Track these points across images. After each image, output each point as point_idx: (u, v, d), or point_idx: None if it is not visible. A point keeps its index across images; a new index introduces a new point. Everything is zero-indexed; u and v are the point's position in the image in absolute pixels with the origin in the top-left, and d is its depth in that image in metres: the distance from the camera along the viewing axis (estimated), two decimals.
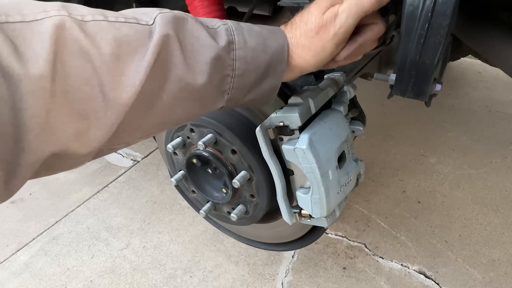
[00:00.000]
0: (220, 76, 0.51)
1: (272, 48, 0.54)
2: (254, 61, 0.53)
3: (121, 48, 0.43)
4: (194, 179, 0.95)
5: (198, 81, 0.49)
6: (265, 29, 0.55)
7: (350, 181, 0.76)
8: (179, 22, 0.48)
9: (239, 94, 0.55)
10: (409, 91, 0.79)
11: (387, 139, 2.01)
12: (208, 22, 0.52)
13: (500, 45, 0.94)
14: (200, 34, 0.49)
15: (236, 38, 0.52)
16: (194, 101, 0.51)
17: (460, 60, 2.54)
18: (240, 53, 0.52)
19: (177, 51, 0.47)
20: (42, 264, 1.43)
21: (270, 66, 0.54)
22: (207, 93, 0.51)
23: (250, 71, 0.53)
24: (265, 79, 0.55)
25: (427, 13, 0.69)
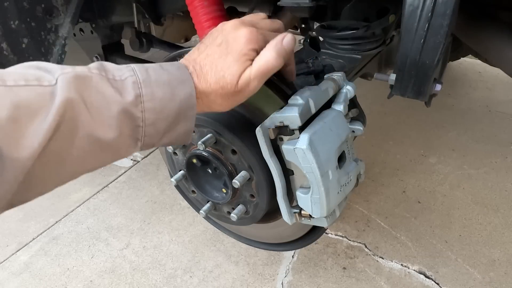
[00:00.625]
0: (131, 127, 0.53)
1: (180, 96, 0.56)
2: (163, 110, 0.55)
3: (19, 111, 0.44)
4: (194, 179, 0.95)
5: (108, 135, 0.51)
6: (173, 76, 0.57)
7: (350, 181, 0.76)
8: (81, 82, 0.49)
9: (153, 139, 0.57)
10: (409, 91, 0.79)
11: (387, 139, 2.01)
12: (115, 73, 0.53)
13: (500, 45, 0.94)
14: (106, 90, 0.51)
15: (144, 90, 0.53)
16: (106, 152, 0.53)
17: (460, 60, 2.54)
18: (149, 105, 0.53)
19: (83, 110, 0.48)
20: (42, 264, 1.43)
21: (180, 112, 0.57)
22: (119, 143, 0.53)
23: (160, 120, 0.55)
24: (177, 124, 0.58)
25: (427, 13, 0.69)
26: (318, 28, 1.06)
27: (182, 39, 2.22)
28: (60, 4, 1.10)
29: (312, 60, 0.89)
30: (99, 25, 1.48)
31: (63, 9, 1.11)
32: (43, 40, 1.09)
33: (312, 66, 0.85)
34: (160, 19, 1.45)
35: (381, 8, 1.05)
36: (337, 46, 1.02)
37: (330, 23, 1.06)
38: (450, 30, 0.70)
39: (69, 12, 1.12)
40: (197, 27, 1.13)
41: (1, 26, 1.01)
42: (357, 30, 0.97)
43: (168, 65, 0.59)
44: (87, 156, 0.51)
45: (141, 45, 1.55)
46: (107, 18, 1.44)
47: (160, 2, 1.39)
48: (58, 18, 1.11)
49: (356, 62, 0.99)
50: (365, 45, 1.01)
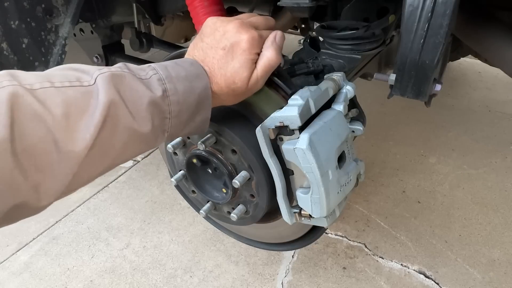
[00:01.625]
0: (160, 119, 0.59)
1: (198, 89, 0.63)
2: (185, 102, 0.61)
3: (70, 108, 0.49)
4: (194, 179, 0.95)
5: (143, 127, 0.57)
6: (189, 72, 0.64)
7: (350, 181, 0.77)
8: (118, 80, 0.55)
9: (177, 130, 0.63)
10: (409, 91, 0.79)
11: (387, 139, 2.01)
12: (140, 72, 0.59)
13: (500, 45, 0.94)
14: (138, 87, 0.56)
15: (168, 86, 0.59)
16: (141, 142, 0.59)
17: (460, 60, 2.54)
18: (173, 98, 0.60)
19: (122, 105, 0.54)
20: (42, 264, 1.43)
21: (199, 103, 0.64)
22: (151, 134, 0.59)
23: (183, 111, 0.62)
24: (197, 114, 0.65)
25: (427, 13, 0.69)
26: (318, 28, 1.06)
27: (182, 39, 2.22)
28: (60, 4, 1.10)
29: (312, 60, 0.89)
30: (99, 25, 1.48)
31: (63, 9, 1.11)
32: (43, 40, 1.09)
33: (312, 66, 0.85)
34: (160, 19, 1.45)
35: (381, 8, 1.05)
36: (337, 46, 1.02)
37: (330, 23, 1.06)
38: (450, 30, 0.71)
39: (69, 12, 1.12)
40: (197, 27, 1.13)
41: (1, 26, 1.01)
42: (357, 30, 0.97)
43: (182, 61, 0.65)
44: (126, 146, 0.56)
45: (141, 45, 1.55)
46: (107, 18, 1.45)
47: (160, 2, 1.39)
48: (58, 18, 1.11)
49: (356, 62, 0.99)
50: (365, 45, 1.01)
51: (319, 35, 1.08)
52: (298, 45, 1.14)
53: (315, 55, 1.04)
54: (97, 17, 1.41)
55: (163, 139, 0.63)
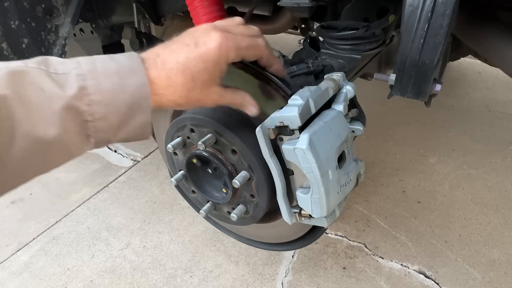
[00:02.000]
0: (78, 123, 0.50)
1: (131, 86, 0.52)
2: (112, 103, 0.51)
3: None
4: (194, 179, 0.95)
5: (50, 133, 0.47)
6: (122, 66, 0.53)
7: (350, 181, 0.77)
8: (16, 77, 0.46)
9: (107, 135, 0.53)
10: (409, 91, 0.79)
11: (387, 139, 2.01)
12: (59, 66, 0.50)
13: (500, 45, 0.94)
14: (44, 85, 0.47)
15: (89, 82, 0.50)
16: (53, 151, 0.50)
17: (460, 60, 2.54)
18: (95, 97, 0.50)
19: (19, 108, 0.45)
20: (42, 264, 1.43)
21: (133, 104, 0.53)
22: (66, 141, 0.50)
23: (111, 113, 0.52)
24: (132, 117, 0.54)
25: (427, 13, 0.69)
26: (318, 28, 1.06)
27: None
28: (60, 4, 1.10)
29: (312, 60, 0.89)
30: (99, 25, 1.48)
31: (63, 9, 1.11)
32: (43, 40, 1.09)
33: (312, 66, 0.85)
34: (160, 19, 1.45)
35: (381, 8, 1.05)
36: (337, 46, 1.02)
37: (330, 23, 1.06)
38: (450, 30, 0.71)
39: (69, 12, 1.12)
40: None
41: (1, 26, 1.01)
42: (357, 30, 0.97)
43: (119, 55, 0.55)
44: (31, 157, 0.48)
45: (141, 45, 1.55)
46: (107, 18, 1.45)
47: (160, 2, 1.39)
48: (58, 18, 1.11)
49: (356, 62, 0.99)
50: (365, 45, 1.01)
51: (319, 35, 1.08)
52: (298, 45, 1.14)
53: (315, 55, 1.04)
54: (97, 17, 1.41)
55: (88, 145, 0.53)
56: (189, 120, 0.86)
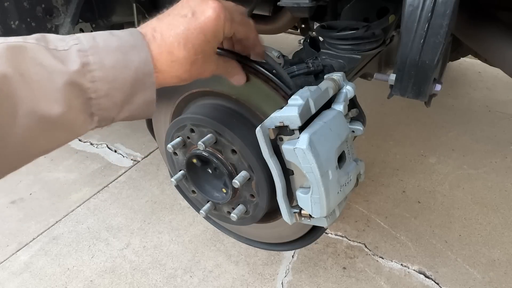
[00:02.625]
0: (82, 100, 0.48)
1: (134, 63, 0.51)
2: (116, 79, 0.50)
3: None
4: (194, 179, 0.95)
5: (55, 111, 0.46)
6: (124, 42, 0.52)
7: (350, 181, 0.77)
8: (15, 53, 0.45)
9: (110, 113, 0.52)
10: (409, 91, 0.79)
11: (387, 139, 2.01)
12: (58, 43, 0.48)
13: (500, 45, 0.94)
14: (46, 61, 0.46)
15: (91, 58, 0.48)
16: (57, 129, 0.48)
17: (460, 60, 2.54)
18: (99, 74, 0.48)
19: (21, 85, 0.44)
20: (42, 264, 1.43)
21: (137, 81, 0.52)
22: (71, 119, 0.48)
23: (115, 89, 0.50)
24: (136, 94, 0.53)
25: (427, 13, 0.69)
26: (318, 28, 1.06)
27: None
28: (60, 4, 1.10)
29: (312, 60, 0.89)
30: (99, 25, 1.48)
31: (63, 9, 1.11)
32: None
33: (312, 66, 0.85)
34: None
35: (381, 8, 1.06)
36: (337, 46, 1.02)
37: (330, 23, 1.06)
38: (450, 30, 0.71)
39: (69, 12, 1.12)
40: None
41: (1, 26, 1.01)
42: (357, 30, 0.97)
43: (119, 31, 0.53)
44: (35, 135, 0.46)
45: None
46: (107, 18, 1.45)
47: (160, 2, 1.39)
48: (58, 18, 1.11)
49: (356, 62, 0.99)
50: (365, 45, 1.01)
51: (319, 35, 1.08)
52: (298, 45, 1.14)
53: (315, 55, 1.04)
54: (97, 17, 1.41)
55: (92, 124, 0.52)
56: (189, 120, 0.86)
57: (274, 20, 1.57)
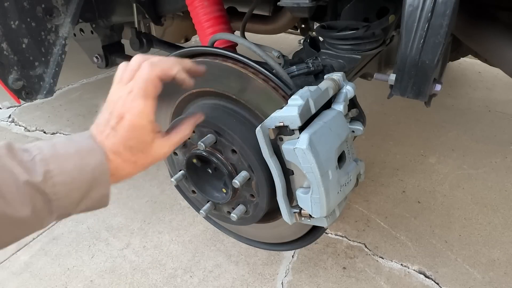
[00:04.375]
0: (43, 202, 0.54)
1: (91, 165, 0.57)
2: (74, 182, 0.56)
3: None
4: (194, 179, 0.95)
5: (21, 213, 0.52)
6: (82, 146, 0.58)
7: (350, 181, 0.77)
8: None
9: (68, 209, 0.58)
10: (409, 91, 0.79)
11: (387, 139, 2.01)
12: (23, 155, 0.54)
13: (499, 45, 0.94)
14: (13, 168, 0.52)
15: (52, 166, 0.54)
16: (20, 228, 0.54)
17: (460, 60, 2.54)
18: (58, 179, 0.54)
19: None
20: (42, 264, 1.43)
21: (93, 180, 0.58)
22: (33, 219, 0.54)
23: (73, 190, 0.56)
24: (91, 191, 0.58)
25: (427, 13, 0.69)
26: (318, 28, 1.06)
27: (182, 39, 2.22)
28: (60, 4, 1.10)
29: (312, 60, 0.89)
30: (99, 25, 1.48)
31: (63, 9, 1.11)
32: (43, 40, 1.09)
33: (312, 66, 0.85)
34: (160, 19, 1.45)
35: (381, 8, 1.06)
36: (337, 46, 1.02)
37: (330, 23, 1.06)
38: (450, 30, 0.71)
39: (69, 12, 1.12)
40: (197, 27, 1.13)
41: (1, 26, 1.01)
42: (357, 30, 0.97)
43: (77, 136, 0.60)
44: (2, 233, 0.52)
45: (141, 45, 1.55)
46: (107, 18, 1.45)
47: (160, 2, 1.39)
48: (58, 18, 1.11)
49: (356, 62, 0.99)
50: (365, 45, 1.01)
51: (319, 35, 1.08)
52: (298, 45, 1.14)
53: (315, 55, 1.04)
54: (97, 17, 1.41)
55: (51, 220, 0.58)
56: None
57: (274, 20, 1.57)
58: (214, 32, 1.09)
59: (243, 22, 1.38)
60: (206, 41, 1.04)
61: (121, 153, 0.61)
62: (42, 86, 1.15)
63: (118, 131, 0.60)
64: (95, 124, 0.63)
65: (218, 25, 1.11)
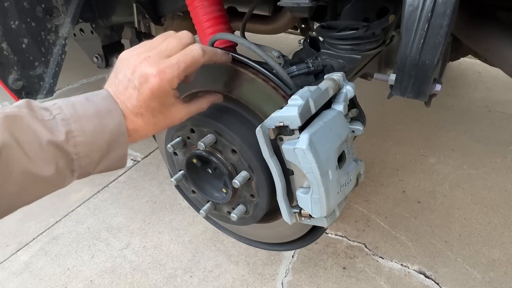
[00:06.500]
0: (65, 161, 0.56)
1: (109, 126, 0.59)
2: (95, 142, 0.58)
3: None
4: (194, 179, 0.95)
5: (45, 172, 0.54)
6: (101, 107, 0.59)
7: (350, 181, 0.77)
8: (12, 122, 0.52)
9: (88, 169, 0.60)
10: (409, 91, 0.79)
11: (387, 139, 2.01)
12: (44, 113, 0.55)
13: (500, 45, 0.94)
14: (37, 128, 0.53)
15: (73, 126, 0.56)
16: (44, 186, 0.56)
17: (460, 60, 2.54)
18: (80, 139, 0.56)
19: (16, 149, 0.51)
20: (42, 264, 1.43)
21: (112, 141, 0.60)
22: (56, 177, 0.56)
23: (93, 150, 0.58)
24: (111, 152, 0.60)
25: (427, 13, 0.69)
26: (318, 28, 1.06)
27: None
28: (60, 4, 1.10)
29: (312, 60, 0.89)
30: (99, 25, 1.48)
31: (63, 9, 1.11)
32: (43, 40, 1.09)
33: (312, 66, 0.85)
34: (160, 19, 1.45)
35: (381, 8, 1.05)
36: (337, 46, 1.02)
37: (330, 23, 1.06)
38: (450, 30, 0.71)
39: (69, 12, 1.12)
40: (197, 27, 1.13)
41: (1, 26, 1.01)
42: (357, 30, 0.97)
43: (94, 96, 0.61)
44: (23, 191, 0.54)
45: None
46: (107, 18, 1.44)
47: (160, 2, 1.39)
48: (58, 18, 1.11)
49: (356, 62, 0.99)
50: (365, 45, 1.01)
51: (319, 35, 1.08)
52: (298, 45, 1.14)
53: (315, 55, 1.04)
54: (97, 17, 1.41)
55: (72, 179, 0.60)
56: (189, 120, 0.86)
57: (274, 20, 1.57)
58: (214, 32, 1.09)
59: (243, 22, 1.38)
60: (206, 41, 1.04)
61: (143, 114, 0.62)
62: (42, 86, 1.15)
63: (141, 93, 0.60)
64: (112, 83, 0.63)
65: (218, 25, 1.10)
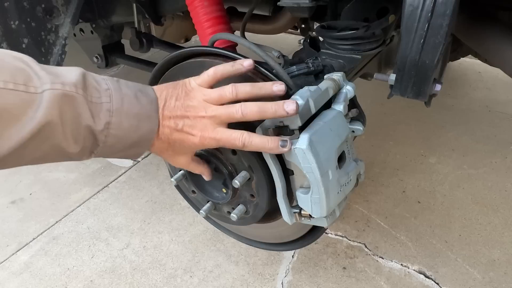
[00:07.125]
0: (92, 144, 0.59)
1: (143, 129, 0.61)
2: (124, 138, 0.60)
3: (2, 113, 0.48)
4: (194, 179, 0.95)
5: (72, 149, 0.56)
6: (144, 110, 0.61)
7: (350, 181, 0.77)
8: (66, 102, 0.53)
9: (105, 154, 0.63)
10: (409, 91, 0.79)
11: (387, 139, 2.01)
12: (94, 94, 0.57)
13: (500, 45, 0.94)
14: (83, 112, 0.55)
15: (114, 119, 0.58)
16: (64, 157, 0.59)
17: (460, 60, 2.54)
18: (113, 132, 0.59)
19: (58, 128, 0.53)
20: (42, 264, 1.43)
21: (138, 142, 0.62)
22: (77, 154, 0.59)
23: (119, 143, 0.61)
24: (132, 148, 0.63)
25: (427, 13, 0.69)
26: (318, 28, 1.06)
27: (182, 39, 2.22)
28: (60, 4, 1.10)
29: (312, 60, 0.89)
30: (99, 25, 1.48)
31: (63, 9, 1.11)
32: (43, 40, 1.09)
33: (312, 66, 0.85)
34: (160, 19, 1.45)
35: (381, 8, 1.06)
36: (337, 46, 1.02)
37: (330, 23, 1.06)
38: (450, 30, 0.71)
39: (69, 12, 1.12)
40: (197, 27, 1.13)
41: (1, 26, 1.01)
42: (357, 30, 0.97)
43: (144, 95, 0.62)
44: (46, 158, 0.56)
45: (141, 45, 1.55)
46: (107, 18, 1.45)
47: (160, 2, 1.39)
48: (58, 18, 1.11)
49: (356, 62, 0.99)
50: (365, 45, 1.01)
51: (319, 35, 1.08)
52: (298, 45, 1.14)
53: (315, 55, 1.04)
54: (97, 17, 1.41)
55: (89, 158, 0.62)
56: None
57: (274, 20, 1.57)
58: (214, 32, 1.09)
59: (243, 22, 1.38)
60: (206, 41, 1.04)
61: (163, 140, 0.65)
62: None
63: (176, 135, 0.65)
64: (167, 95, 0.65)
65: (218, 25, 1.10)
